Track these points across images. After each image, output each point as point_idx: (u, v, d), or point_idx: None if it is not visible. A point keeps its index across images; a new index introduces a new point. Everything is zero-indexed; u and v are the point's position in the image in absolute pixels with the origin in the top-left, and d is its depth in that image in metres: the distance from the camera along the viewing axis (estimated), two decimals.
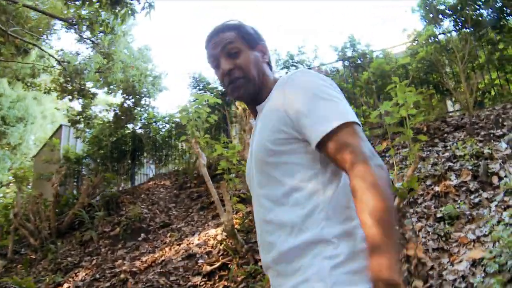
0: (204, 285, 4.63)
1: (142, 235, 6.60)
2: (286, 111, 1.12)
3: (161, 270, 5.39)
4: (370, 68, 7.77)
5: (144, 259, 5.89)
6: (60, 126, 13.16)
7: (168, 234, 6.39)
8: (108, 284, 5.60)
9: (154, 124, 9.75)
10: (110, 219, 7.30)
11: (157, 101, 28.95)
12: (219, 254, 5.18)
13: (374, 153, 1.04)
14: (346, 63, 8.79)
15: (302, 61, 8.91)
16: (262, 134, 1.18)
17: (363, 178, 0.97)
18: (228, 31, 1.28)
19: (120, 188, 9.09)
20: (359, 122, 1.09)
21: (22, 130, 16.21)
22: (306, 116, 1.08)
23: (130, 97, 8.93)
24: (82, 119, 9.45)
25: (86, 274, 6.23)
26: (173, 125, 9.63)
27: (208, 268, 4.85)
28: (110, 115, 9.41)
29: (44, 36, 10.76)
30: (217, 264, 4.86)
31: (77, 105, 11.36)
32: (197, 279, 4.76)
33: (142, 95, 8.96)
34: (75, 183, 11.84)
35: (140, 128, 10.02)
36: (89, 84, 9.31)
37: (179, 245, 5.92)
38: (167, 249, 5.97)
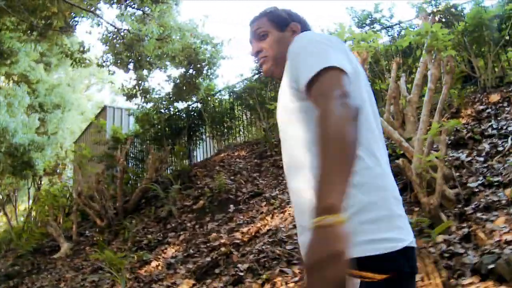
0: None
1: (231, 206, 5.97)
2: (288, 75, 1.22)
3: (272, 239, 4.75)
4: (464, 19, 7.01)
5: (244, 230, 5.26)
6: (104, 107, 12.61)
7: (263, 203, 5.74)
8: (208, 258, 4.98)
9: (214, 95, 9.10)
10: (189, 192, 6.68)
11: (220, 70, 27.78)
12: None
13: (346, 94, 0.99)
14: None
15: (378, 19, 8.15)
16: (280, 97, 1.27)
17: (321, 114, 0.96)
18: (260, 18, 1.44)
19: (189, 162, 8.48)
20: (341, 66, 1.06)
21: (59, 117, 15.71)
22: (299, 73, 1.13)
23: (192, 66, 8.25)
24: (138, 92, 8.80)
25: (175, 251, 5.64)
26: (234, 96, 8.97)
27: None
28: (168, 89, 8.76)
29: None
30: None
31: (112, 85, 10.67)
32: None
33: (204, 63, 8.27)
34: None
35: (197, 102, 9.36)
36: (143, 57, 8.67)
37: (282, 212, 5.28)
38: (268, 218, 5.34)
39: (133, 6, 9.38)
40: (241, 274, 4.43)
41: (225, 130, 9.04)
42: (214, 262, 4.88)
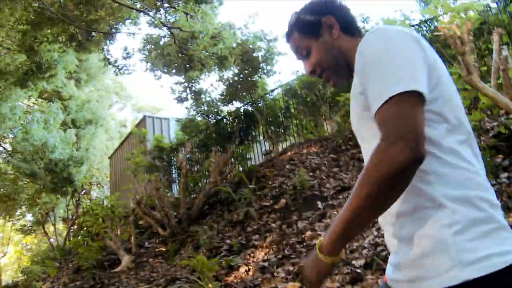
0: None
1: (318, 202, 5.50)
2: (358, 81, 1.08)
3: (382, 231, 4.24)
4: None
5: None
6: (144, 117, 12.26)
7: None
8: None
9: (266, 95, 8.68)
10: (265, 192, 6.22)
11: (276, 67, 27.74)
12: None
13: (412, 131, 0.88)
14: None
15: None
16: (352, 100, 1.16)
17: (372, 155, 0.92)
18: (292, 34, 1.30)
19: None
20: (417, 89, 0.92)
21: (92, 133, 15.44)
22: (369, 91, 1.01)
23: (247, 64, 7.87)
24: (189, 95, 8.42)
25: (265, 254, 5.16)
26: (290, 93, 8.55)
27: None
28: (220, 90, 8.35)
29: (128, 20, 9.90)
30: None
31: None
32: None
33: (261, 60, 7.89)
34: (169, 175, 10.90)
35: (248, 103, 8.94)
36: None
37: None
38: None
39: (169, 10, 9.11)
40: (358, 271, 3.97)
41: (282, 130, 8.59)
42: None
